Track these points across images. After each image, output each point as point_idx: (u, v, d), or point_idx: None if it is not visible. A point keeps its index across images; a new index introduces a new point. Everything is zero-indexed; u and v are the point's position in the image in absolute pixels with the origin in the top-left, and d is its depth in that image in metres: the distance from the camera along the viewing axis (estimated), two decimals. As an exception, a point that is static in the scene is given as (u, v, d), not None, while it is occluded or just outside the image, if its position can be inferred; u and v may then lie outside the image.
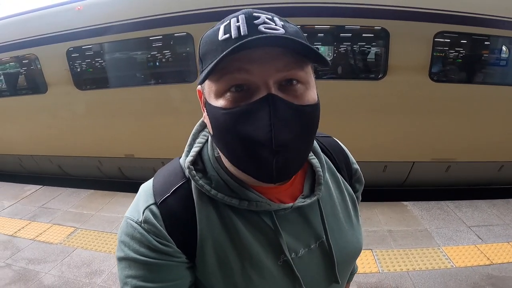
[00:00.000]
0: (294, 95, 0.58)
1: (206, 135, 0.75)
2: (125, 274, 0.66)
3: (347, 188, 0.84)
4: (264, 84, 0.55)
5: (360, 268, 2.96)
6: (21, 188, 5.37)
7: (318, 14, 4.01)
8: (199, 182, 0.67)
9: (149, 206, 0.67)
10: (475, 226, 3.51)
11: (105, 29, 4.57)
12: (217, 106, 0.58)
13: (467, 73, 4.28)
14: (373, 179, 4.60)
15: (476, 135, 4.23)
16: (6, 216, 4.43)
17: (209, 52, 0.58)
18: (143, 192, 0.72)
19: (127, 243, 0.66)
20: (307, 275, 0.72)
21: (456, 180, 4.61)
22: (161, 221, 0.66)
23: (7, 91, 5.97)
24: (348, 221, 0.80)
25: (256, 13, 0.57)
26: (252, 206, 0.66)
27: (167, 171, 0.75)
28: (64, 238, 3.77)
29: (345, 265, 0.79)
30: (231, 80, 0.56)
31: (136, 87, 4.94)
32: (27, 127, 5.72)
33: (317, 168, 0.75)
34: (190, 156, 0.71)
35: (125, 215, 0.70)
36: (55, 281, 3.05)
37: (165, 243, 0.65)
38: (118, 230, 0.70)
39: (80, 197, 4.88)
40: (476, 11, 3.75)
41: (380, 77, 4.08)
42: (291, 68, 0.56)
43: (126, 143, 5.18)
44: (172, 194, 0.69)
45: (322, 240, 0.74)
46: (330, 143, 0.89)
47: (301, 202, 0.70)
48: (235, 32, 0.55)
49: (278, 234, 0.68)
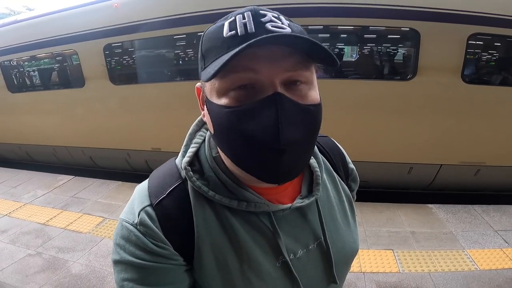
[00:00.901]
0: (299, 95, 0.57)
1: (203, 135, 0.75)
2: (122, 277, 0.65)
3: (344, 188, 0.84)
4: (270, 83, 0.54)
5: (380, 267, 2.94)
6: (54, 178, 5.62)
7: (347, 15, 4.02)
8: (196, 183, 0.66)
9: (145, 208, 0.66)
10: (502, 230, 3.40)
11: (139, 26, 4.76)
12: (220, 104, 0.57)
13: (500, 76, 4.15)
14: (397, 181, 4.57)
15: (507, 138, 4.08)
16: (39, 205, 4.62)
17: (213, 48, 0.57)
18: (138, 194, 0.70)
19: (123, 246, 0.65)
20: (305, 276, 0.72)
21: (485, 184, 4.45)
22: (157, 222, 0.65)
23: (47, 85, 6.30)
24: (345, 222, 0.80)
25: (262, 11, 0.56)
26: (250, 207, 0.66)
27: (163, 172, 0.73)
28: (93, 228, 3.91)
29: (343, 265, 0.79)
30: (237, 79, 0.55)
31: (165, 83, 5.14)
32: (64, 120, 6.02)
33: (315, 169, 0.75)
34: (187, 157, 0.70)
35: (120, 217, 0.68)
36: (82, 269, 3.16)
37: (162, 245, 0.64)
38: (114, 232, 0.69)
39: (109, 188, 5.07)
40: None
41: (409, 78, 4.04)
42: (298, 68, 0.56)
43: (152, 136, 5.35)
44: (167, 195, 0.67)
45: (320, 241, 0.74)
46: (327, 143, 0.88)
47: (300, 202, 0.70)
48: (241, 29, 0.54)
49: (276, 235, 0.68)
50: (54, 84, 6.19)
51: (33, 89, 6.38)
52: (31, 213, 4.38)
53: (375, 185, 4.59)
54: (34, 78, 6.41)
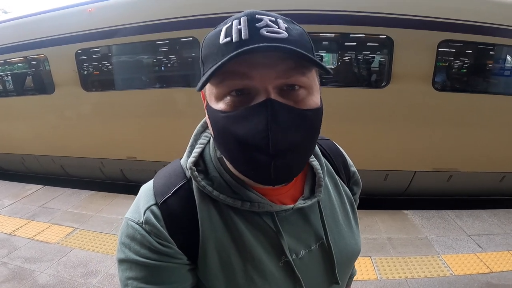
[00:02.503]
0: (295, 100, 0.58)
1: (208, 136, 0.76)
2: (126, 276, 0.66)
3: (345, 191, 0.84)
4: (263, 89, 0.55)
5: (358, 275, 2.93)
6: (22, 187, 5.41)
7: (323, 22, 4.05)
8: (201, 183, 0.67)
9: (150, 207, 0.67)
10: (475, 235, 3.48)
11: (113, 32, 4.65)
12: (217, 109, 0.59)
13: (470, 82, 4.29)
14: (374, 188, 4.61)
15: (479, 145, 4.21)
16: (5, 215, 4.44)
17: (210, 55, 0.58)
18: (143, 193, 0.71)
19: (128, 245, 0.66)
20: (307, 276, 0.73)
21: (457, 190, 4.57)
22: (162, 221, 0.65)
23: (15, 91, 6.06)
24: (346, 223, 0.81)
25: (258, 15, 0.56)
26: (254, 207, 0.67)
27: (168, 172, 0.74)
28: (62, 238, 3.76)
29: (345, 266, 0.79)
30: (231, 85, 0.56)
31: (141, 89, 5.03)
32: (32, 127, 5.79)
33: (318, 170, 0.76)
34: (192, 157, 0.71)
35: (126, 216, 0.69)
36: (49, 280, 3.04)
37: (166, 244, 0.65)
38: (119, 231, 0.70)
39: (81, 197, 4.90)
40: (482, 19, 3.76)
41: (383, 85, 4.11)
42: (291, 75, 0.56)
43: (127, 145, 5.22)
44: (173, 194, 0.68)
45: (322, 241, 0.74)
46: (328, 146, 0.89)
47: (302, 203, 0.71)
48: (236, 35, 0.54)
49: (279, 235, 0.69)
50: (22, 90, 5.96)
51: (1, 95, 6.10)
52: (-4, 223, 4.18)
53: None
54: (2, 83, 6.14)
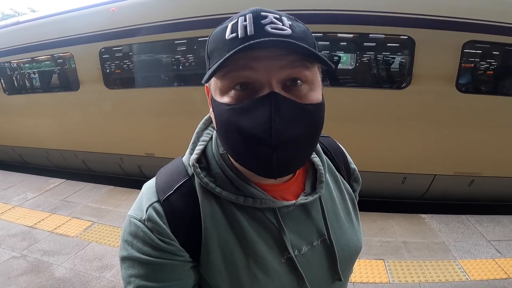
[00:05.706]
0: (298, 95, 0.59)
1: (210, 133, 0.77)
2: (129, 274, 0.66)
3: (346, 187, 0.85)
4: (267, 82, 0.57)
5: (370, 277, 2.88)
6: (46, 181, 5.61)
7: (344, 22, 4.00)
8: (203, 180, 0.68)
9: (152, 204, 0.68)
10: (495, 241, 3.34)
11: (135, 31, 4.77)
12: (222, 102, 0.60)
13: (496, 84, 4.13)
14: (390, 191, 4.51)
15: (504, 149, 4.02)
16: (28, 208, 4.59)
17: (216, 50, 0.59)
18: (146, 190, 0.72)
19: (131, 242, 0.66)
20: (310, 272, 0.73)
21: (479, 195, 4.38)
22: (164, 218, 0.66)
23: (42, 88, 6.32)
24: (348, 220, 0.81)
25: (264, 12, 0.57)
26: (257, 203, 0.67)
27: (170, 169, 0.75)
28: (80, 232, 3.87)
29: (347, 263, 0.80)
30: (236, 77, 0.58)
31: (160, 88, 5.13)
32: (57, 123, 6.01)
33: (319, 167, 0.76)
34: (195, 154, 0.71)
35: (128, 213, 0.70)
36: (66, 273, 3.12)
37: (168, 241, 0.65)
38: (122, 229, 0.70)
39: (100, 192, 5.04)
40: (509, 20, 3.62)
41: (403, 86, 4.02)
42: (295, 66, 0.57)
43: (146, 142, 5.33)
44: (175, 191, 0.69)
45: (324, 238, 0.74)
46: (329, 143, 0.90)
47: (303, 199, 0.71)
48: (241, 31, 0.56)
49: (281, 231, 0.69)
50: (49, 87, 6.20)
51: (29, 91, 6.38)
52: (19, 216, 4.34)
53: (369, 195, 4.54)
54: (30, 80, 6.42)
